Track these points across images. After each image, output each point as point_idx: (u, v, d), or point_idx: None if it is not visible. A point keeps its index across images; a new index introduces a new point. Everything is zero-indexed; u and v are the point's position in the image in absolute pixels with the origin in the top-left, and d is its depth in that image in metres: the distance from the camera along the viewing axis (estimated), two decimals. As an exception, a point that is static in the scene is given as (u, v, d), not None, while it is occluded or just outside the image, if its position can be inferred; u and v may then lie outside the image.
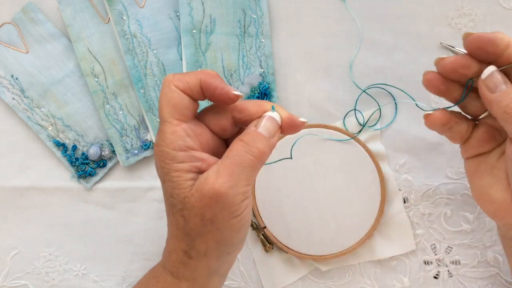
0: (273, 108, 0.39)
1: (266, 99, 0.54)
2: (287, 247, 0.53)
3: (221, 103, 0.40)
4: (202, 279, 0.42)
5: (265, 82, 0.54)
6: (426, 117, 0.43)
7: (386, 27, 0.55)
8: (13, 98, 0.55)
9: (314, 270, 0.55)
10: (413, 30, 0.55)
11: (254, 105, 0.40)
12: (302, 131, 0.54)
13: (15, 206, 0.56)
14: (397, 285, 0.54)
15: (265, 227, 0.53)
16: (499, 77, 0.39)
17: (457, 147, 0.55)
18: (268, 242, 0.54)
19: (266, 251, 0.54)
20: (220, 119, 0.41)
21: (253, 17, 0.54)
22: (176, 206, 0.39)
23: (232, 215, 0.38)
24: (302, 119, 0.40)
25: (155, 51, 0.54)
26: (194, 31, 0.53)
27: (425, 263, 0.55)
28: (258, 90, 0.54)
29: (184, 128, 0.38)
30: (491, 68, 0.39)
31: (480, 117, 0.44)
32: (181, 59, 0.54)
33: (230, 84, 0.54)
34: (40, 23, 0.55)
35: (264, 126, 0.38)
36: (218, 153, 0.40)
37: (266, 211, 0.53)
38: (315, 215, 0.53)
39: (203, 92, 0.39)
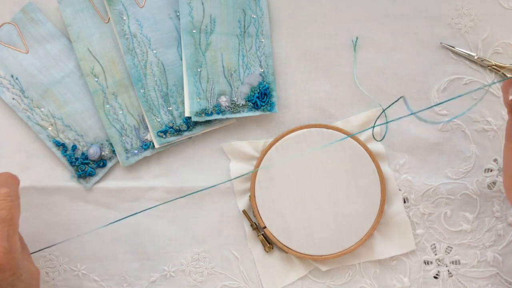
0: None
1: (266, 99, 0.54)
2: (287, 247, 0.53)
3: None
4: None
5: (265, 82, 0.54)
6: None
7: (386, 27, 0.55)
8: (13, 98, 0.55)
9: (314, 270, 0.55)
10: (413, 30, 0.55)
11: None
12: (302, 131, 0.54)
13: (15, 206, 0.56)
14: (397, 285, 0.54)
15: (265, 227, 0.53)
16: None
17: (457, 147, 0.55)
18: (268, 242, 0.54)
19: (266, 251, 0.54)
20: None
21: (253, 17, 0.54)
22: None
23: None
24: None
25: (155, 51, 0.54)
26: (194, 31, 0.53)
27: (425, 263, 0.55)
28: (258, 90, 0.54)
29: None
30: None
31: None
32: (181, 59, 0.54)
33: (230, 84, 0.54)
34: (40, 23, 0.55)
35: None
36: None
37: (266, 211, 0.53)
38: (315, 215, 0.53)
39: None
